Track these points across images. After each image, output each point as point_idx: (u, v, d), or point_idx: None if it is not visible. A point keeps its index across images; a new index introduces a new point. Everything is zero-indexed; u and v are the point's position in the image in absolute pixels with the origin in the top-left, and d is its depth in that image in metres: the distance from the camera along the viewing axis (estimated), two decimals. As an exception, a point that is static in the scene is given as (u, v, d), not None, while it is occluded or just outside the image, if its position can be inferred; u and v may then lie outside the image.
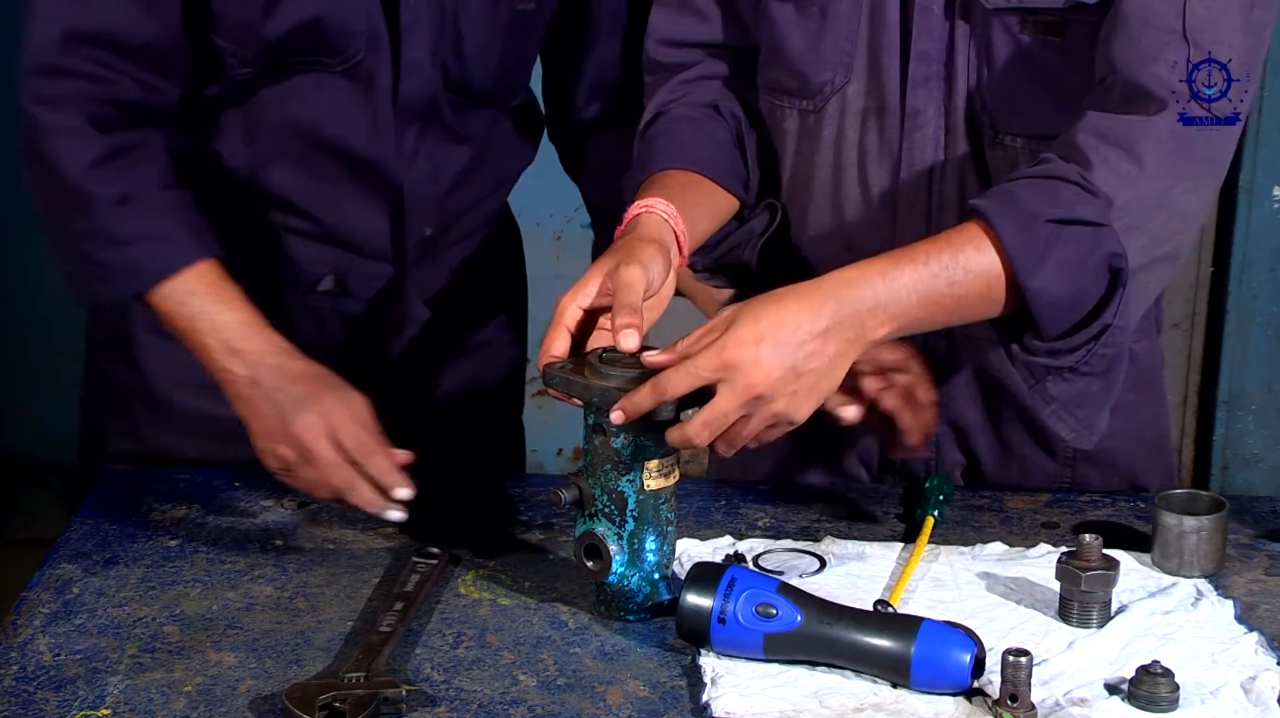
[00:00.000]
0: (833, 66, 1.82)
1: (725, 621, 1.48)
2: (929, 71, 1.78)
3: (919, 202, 1.82)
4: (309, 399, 1.72)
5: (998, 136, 1.78)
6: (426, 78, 1.90)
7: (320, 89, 1.88)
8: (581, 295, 1.63)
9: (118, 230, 1.79)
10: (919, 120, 1.80)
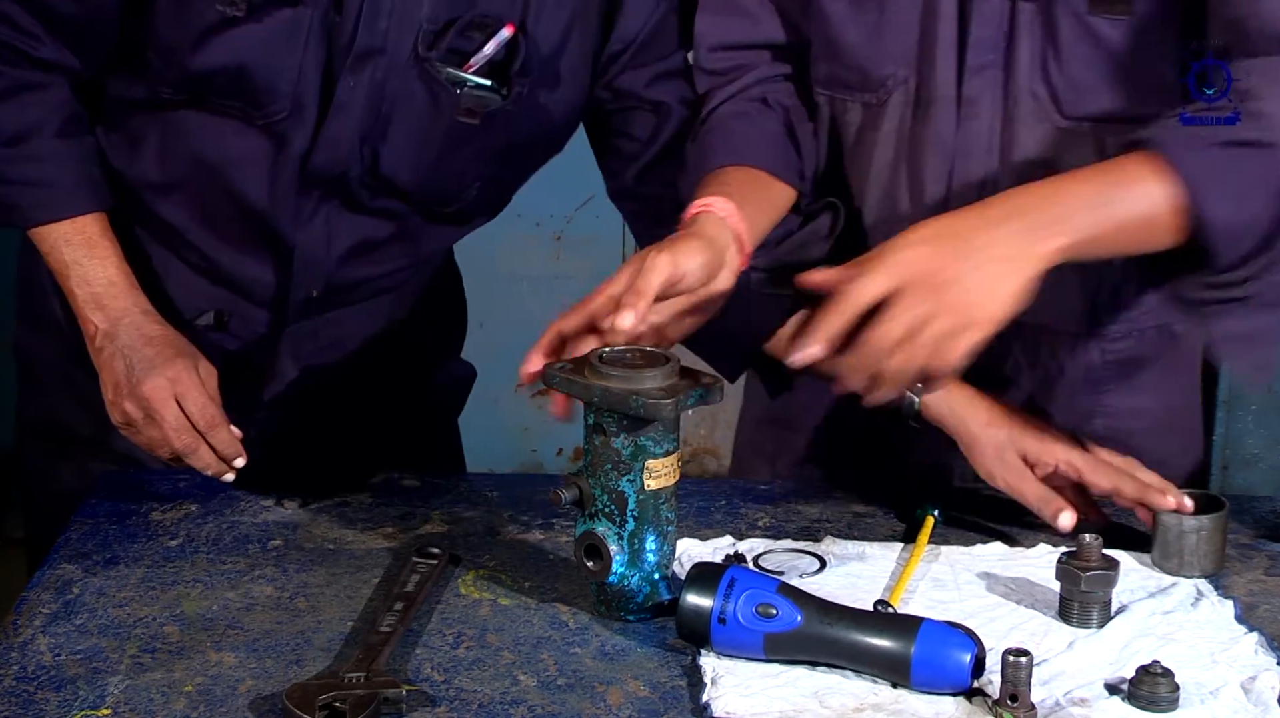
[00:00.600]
0: (894, 60, 1.83)
1: (725, 621, 1.48)
2: (985, 59, 1.79)
3: (973, 190, 1.82)
4: (160, 361, 1.79)
5: (1060, 121, 1.79)
6: (341, 156, 1.86)
7: (237, 135, 1.85)
8: (612, 287, 1.61)
9: (9, 170, 1.84)
10: (974, 109, 1.81)
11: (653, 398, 1.50)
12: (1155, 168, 1.60)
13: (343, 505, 1.82)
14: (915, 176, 1.85)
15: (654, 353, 1.56)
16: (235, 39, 1.79)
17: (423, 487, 1.88)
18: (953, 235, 1.57)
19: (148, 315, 1.84)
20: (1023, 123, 1.80)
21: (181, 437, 1.77)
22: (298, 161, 1.86)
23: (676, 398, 1.50)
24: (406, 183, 1.90)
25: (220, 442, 1.78)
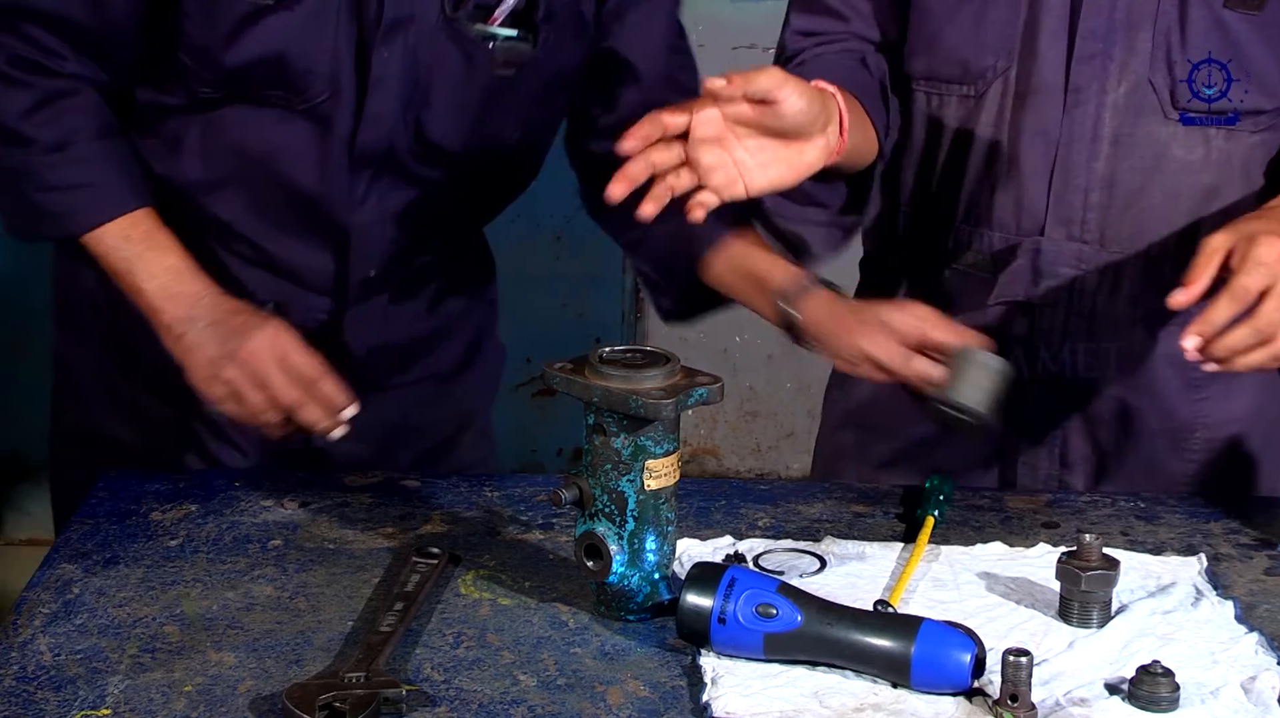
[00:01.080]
0: (994, 51, 1.86)
1: (725, 621, 1.48)
2: (1095, 49, 1.82)
3: (1075, 178, 1.85)
4: (252, 325, 1.80)
5: (1173, 113, 1.82)
6: (386, 131, 1.87)
7: (281, 124, 1.86)
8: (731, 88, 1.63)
9: (51, 177, 1.83)
10: (1081, 97, 1.84)
11: (653, 398, 1.50)
12: None
13: (343, 506, 1.81)
14: (1015, 167, 1.88)
15: (654, 353, 1.56)
16: (268, 28, 1.80)
17: (423, 487, 1.88)
18: None
19: (221, 294, 1.84)
20: (1132, 113, 1.83)
21: (288, 392, 1.78)
22: (345, 142, 1.87)
23: (676, 398, 1.50)
24: (453, 146, 1.91)
25: (329, 391, 1.79)
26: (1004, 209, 1.89)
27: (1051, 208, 1.87)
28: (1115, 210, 1.86)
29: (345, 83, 1.84)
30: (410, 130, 1.88)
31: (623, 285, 4.06)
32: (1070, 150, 1.85)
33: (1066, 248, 1.88)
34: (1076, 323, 1.90)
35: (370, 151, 1.88)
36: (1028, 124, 1.87)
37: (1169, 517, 1.83)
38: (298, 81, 1.83)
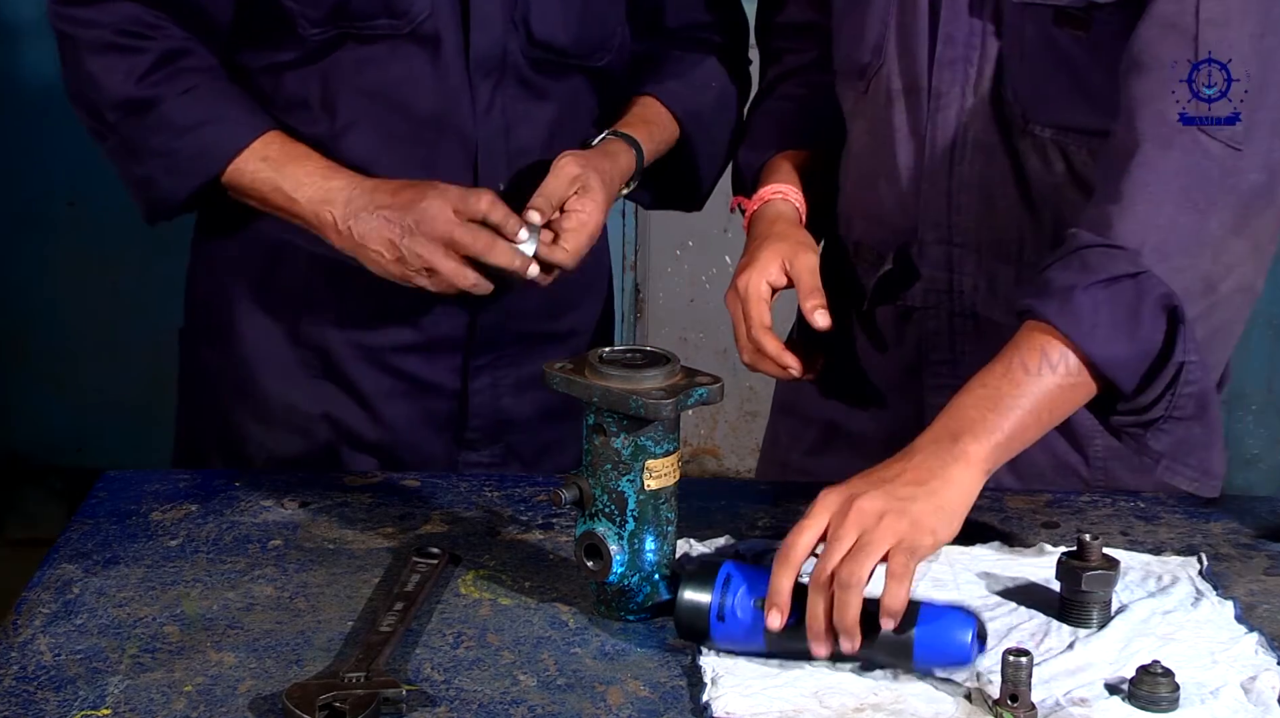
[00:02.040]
0: (870, 49, 1.89)
1: (724, 617, 1.48)
2: (955, 54, 1.83)
3: (940, 180, 1.86)
4: (414, 197, 1.84)
5: (1027, 125, 1.81)
6: (497, 35, 1.93)
7: (393, 54, 1.91)
8: (770, 275, 1.84)
9: (183, 118, 1.89)
10: (943, 101, 1.85)
11: (653, 398, 1.50)
12: (1042, 333, 1.59)
13: (343, 506, 1.82)
14: (890, 165, 1.89)
15: (654, 353, 1.56)
16: None
17: (423, 487, 1.88)
18: (877, 480, 1.52)
19: (370, 179, 1.89)
20: (987, 122, 1.83)
21: (478, 239, 1.82)
22: (459, 56, 1.92)
23: (676, 398, 1.51)
24: (563, 42, 1.98)
25: (501, 217, 1.84)
26: (886, 207, 1.91)
27: (921, 209, 1.88)
28: (981, 215, 1.86)
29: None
30: (521, 32, 1.94)
31: (622, 285, 4.07)
32: (935, 152, 1.86)
33: (938, 251, 1.88)
34: (962, 325, 1.90)
35: (485, 59, 1.93)
36: (902, 123, 1.88)
37: (1169, 517, 1.83)
38: (399, 2, 1.88)
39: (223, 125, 1.90)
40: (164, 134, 1.89)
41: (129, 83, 1.88)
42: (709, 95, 2.12)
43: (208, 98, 1.91)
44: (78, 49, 1.91)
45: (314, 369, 2.02)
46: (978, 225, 1.86)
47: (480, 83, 1.94)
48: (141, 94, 1.88)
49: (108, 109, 1.90)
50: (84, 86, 1.92)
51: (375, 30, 1.90)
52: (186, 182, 1.92)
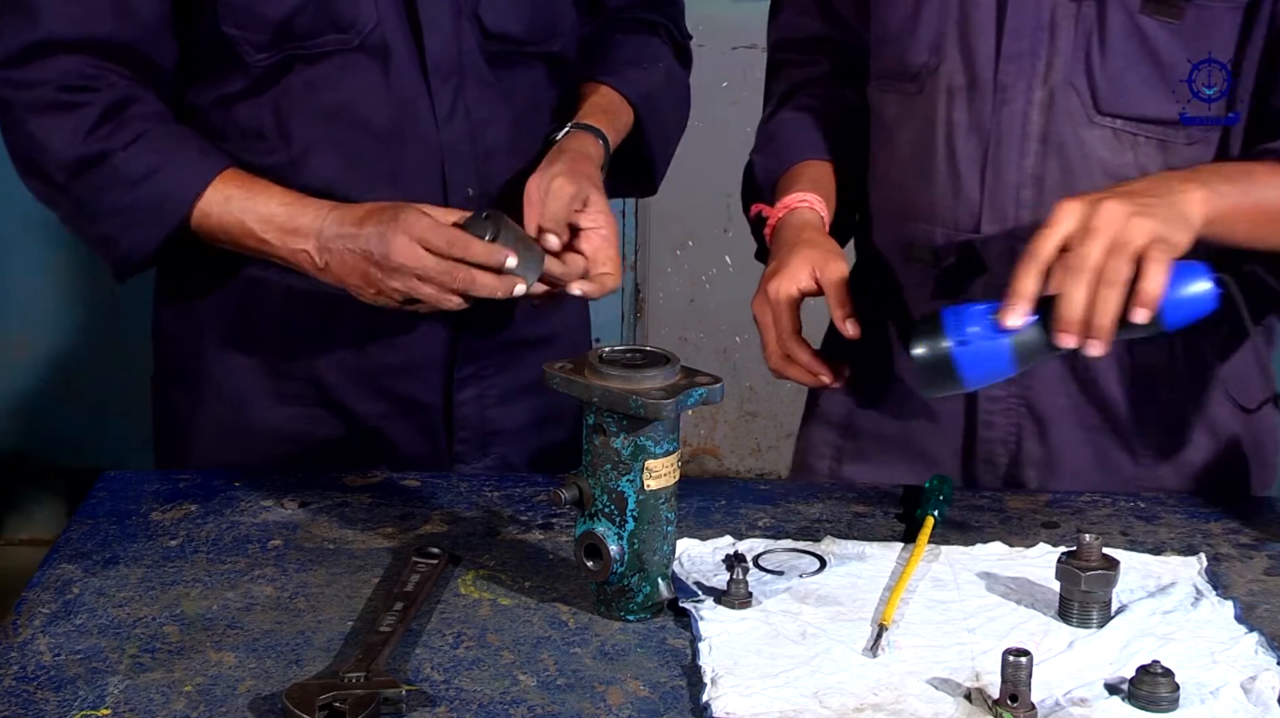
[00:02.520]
0: (927, 48, 1.89)
1: (967, 342, 1.52)
2: (1022, 47, 1.84)
3: (1005, 174, 1.87)
4: (384, 225, 1.78)
5: (1098, 116, 1.83)
6: (449, 34, 1.90)
7: (344, 70, 1.87)
8: (800, 281, 1.83)
9: (137, 168, 1.84)
10: (1008, 95, 1.85)
11: (653, 398, 1.50)
12: None
13: (343, 506, 1.81)
14: (949, 163, 1.89)
15: (654, 353, 1.56)
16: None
17: (423, 487, 1.88)
18: (1115, 193, 1.63)
19: (338, 209, 1.83)
20: (1057, 114, 1.84)
21: (453, 274, 1.77)
22: (414, 63, 1.89)
23: (676, 398, 1.50)
24: (517, 28, 1.95)
25: (479, 255, 1.77)
26: (944, 205, 1.91)
27: (986, 205, 1.88)
28: (1045, 209, 1.85)
29: (388, 5, 1.86)
30: (474, 27, 1.91)
31: (622, 285, 4.07)
32: (1000, 147, 1.87)
33: (1003, 244, 1.89)
34: None
35: (442, 63, 1.90)
36: (962, 120, 1.89)
37: (1169, 517, 1.83)
38: (343, 15, 1.85)
39: (176, 170, 1.84)
40: (117, 189, 1.84)
41: (76, 140, 1.82)
42: (658, 76, 2.10)
43: (159, 143, 1.85)
44: (18, 113, 1.85)
45: (306, 398, 1.99)
46: (1041, 218, 1.86)
47: (440, 87, 1.91)
48: (89, 150, 1.82)
49: (56, 171, 1.84)
50: (30, 151, 1.86)
51: (322, 48, 1.86)
52: (149, 234, 1.87)
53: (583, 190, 1.87)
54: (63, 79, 1.83)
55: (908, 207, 1.95)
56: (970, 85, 1.87)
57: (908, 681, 1.46)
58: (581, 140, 1.96)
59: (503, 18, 1.93)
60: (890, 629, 1.54)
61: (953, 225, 1.90)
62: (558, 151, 1.93)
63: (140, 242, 1.88)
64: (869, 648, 1.51)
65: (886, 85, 1.97)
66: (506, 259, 1.77)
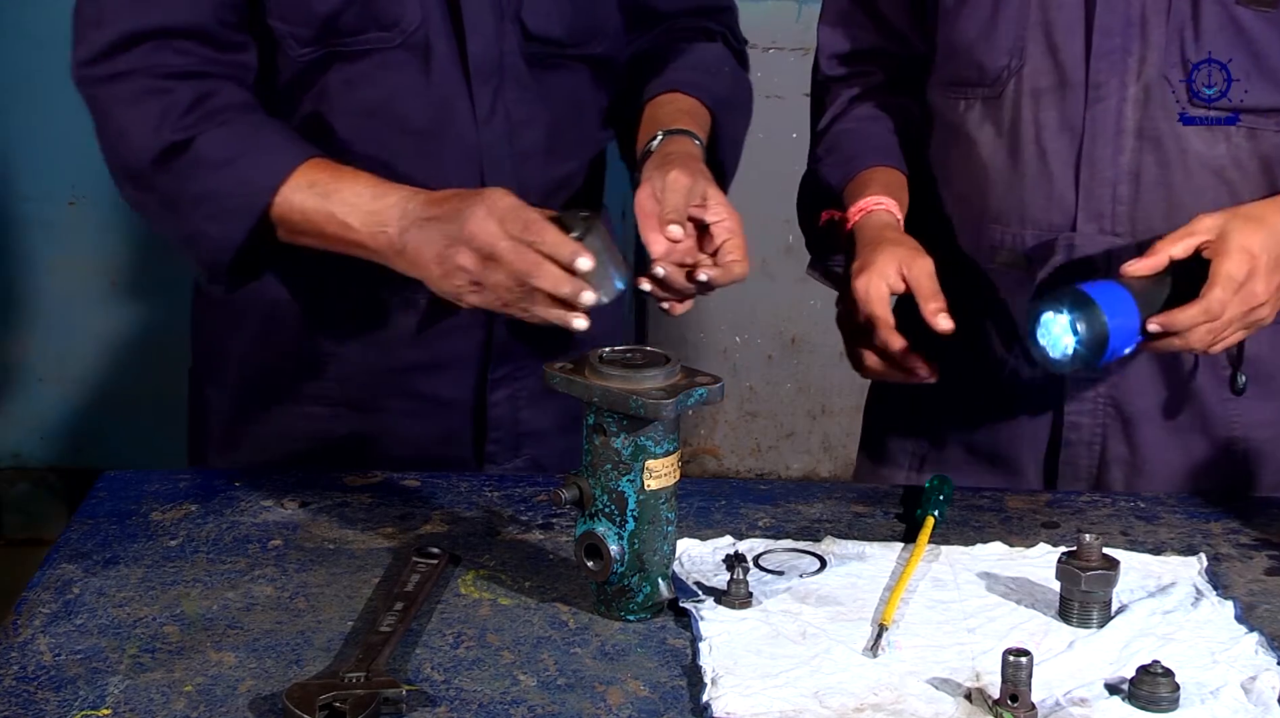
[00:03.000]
0: (1008, 51, 1.90)
1: (1116, 316, 1.70)
2: (1113, 44, 1.86)
3: (1100, 172, 1.88)
4: (465, 206, 1.73)
5: (1190, 108, 1.85)
6: (492, 36, 1.90)
7: (384, 69, 1.87)
8: (889, 278, 1.84)
9: (219, 153, 1.81)
10: (1102, 92, 1.87)
11: (653, 398, 1.50)
12: None
13: (343, 506, 1.82)
14: (1037, 165, 1.90)
15: (654, 353, 1.56)
16: None
17: (423, 487, 1.88)
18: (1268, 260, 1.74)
19: (421, 192, 1.78)
20: (1151, 108, 1.86)
21: (522, 258, 1.68)
22: (455, 65, 1.89)
23: (676, 398, 1.50)
24: (559, 30, 1.94)
25: (552, 243, 1.69)
26: (1035, 206, 1.92)
27: (1081, 202, 1.89)
28: (1143, 204, 1.88)
29: (433, 5, 1.86)
30: (515, 28, 1.91)
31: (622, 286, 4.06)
32: (1095, 144, 1.88)
33: (1099, 241, 1.90)
34: None
35: (483, 64, 1.90)
36: (1051, 120, 1.89)
37: (1169, 517, 1.83)
38: (388, 13, 1.85)
39: (259, 155, 1.82)
40: (200, 175, 1.81)
41: (163, 129, 1.81)
42: (725, 81, 2.08)
43: (242, 130, 1.83)
44: (106, 107, 1.85)
45: (331, 396, 1.99)
46: (1138, 214, 1.89)
47: (480, 88, 1.91)
48: (174, 138, 1.81)
49: (142, 162, 1.83)
50: (118, 145, 1.84)
51: (364, 45, 1.86)
52: (233, 225, 1.82)
53: (699, 184, 1.83)
54: (148, 69, 1.83)
55: (990, 210, 1.95)
56: (1059, 85, 1.88)
57: (908, 681, 1.46)
58: (680, 143, 1.92)
59: (545, 20, 1.93)
60: (890, 629, 1.54)
61: (1045, 226, 1.91)
62: (662, 156, 1.89)
63: (226, 234, 1.83)
64: (869, 648, 1.51)
65: (959, 92, 1.97)
66: (580, 259, 1.68)
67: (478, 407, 2.02)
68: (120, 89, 1.84)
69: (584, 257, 1.68)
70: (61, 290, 3.83)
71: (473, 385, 2.02)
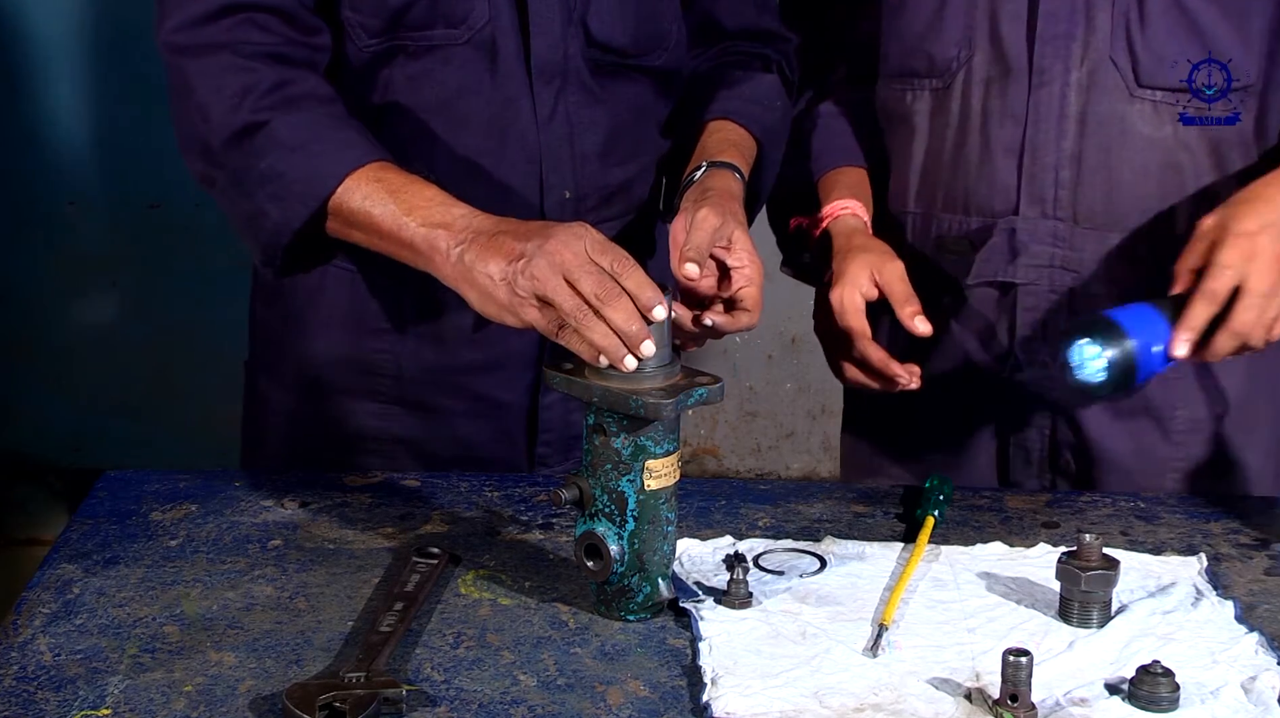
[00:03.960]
0: (957, 41, 1.93)
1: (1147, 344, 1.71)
2: (1057, 30, 1.88)
3: (1044, 157, 1.90)
4: (550, 227, 1.65)
5: (1136, 90, 1.87)
6: (557, 38, 1.90)
7: (448, 65, 1.88)
8: (862, 287, 1.86)
9: (294, 136, 1.79)
10: (1045, 78, 1.89)
11: (653, 398, 1.50)
12: None
13: (343, 506, 1.82)
14: (982, 152, 1.93)
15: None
16: None
17: (423, 487, 1.88)
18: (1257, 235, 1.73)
19: (487, 214, 1.71)
20: (1096, 91, 1.88)
21: (604, 284, 1.58)
22: (519, 64, 1.89)
23: (676, 398, 1.50)
24: (622, 39, 1.94)
25: (637, 280, 1.59)
26: (977, 193, 1.94)
27: (1024, 187, 1.92)
28: (1085, 187, 1.91)
29: (502, 4, 1.87)
30: (580, 34, 1.91)
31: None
32: (1038, 130, 1.90)
33: (1041, 225, 1.92)
34: (1055, 302, 1.94)
35: (547, 64, 1.90)
36: (995, 107, 1.92)
37: (1169, 517, 1.83)
38: (457, 11, 1.85)
39: (331, 146, 1.79)
40: (271, 154, 1.79)
41: (242, 108, 1.79)
42: (776, 115, 2.05)
43: (320, 120, 1.81)
44: (191, 79, 1.82)
45: (384, 394, 1.99)
46: (1081, 197, 1.91)
47: (542, 89, 1.91)
48: (253, 118, 1.79)
49: (219, 140, 1.81)
50: (196, 118, 1.82)
51: (429, 40, 1.87)
52: (296, 208, 1.79)
53: (727, 226, 1.80)
54: (234, 44, 1.82)
55: (937, 200, 1.98)
56: (1004, 73, 1.90)
57: (908, 681, 1.46)
58: (722, 178, 1.89)
59: (609, 28, 1.93)
60: (890, 629, 1.54)
61: (988, 213, 1.94)
62: (701, 190, 1.87)
63: (287, 217, 1.80)
64: (869, 648, 1.51)
65: (906, 83, 1.99)
66: (657, 307, 1.57)
67: (531, 409, 2.02)
68: (207, 63, 1.82)
69: (661, 306, 1.58)
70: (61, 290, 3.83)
71: (527, 387, 2.01)
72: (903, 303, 1.85)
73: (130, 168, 3.42)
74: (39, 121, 3.66)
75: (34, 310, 3.83)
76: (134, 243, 3.60)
